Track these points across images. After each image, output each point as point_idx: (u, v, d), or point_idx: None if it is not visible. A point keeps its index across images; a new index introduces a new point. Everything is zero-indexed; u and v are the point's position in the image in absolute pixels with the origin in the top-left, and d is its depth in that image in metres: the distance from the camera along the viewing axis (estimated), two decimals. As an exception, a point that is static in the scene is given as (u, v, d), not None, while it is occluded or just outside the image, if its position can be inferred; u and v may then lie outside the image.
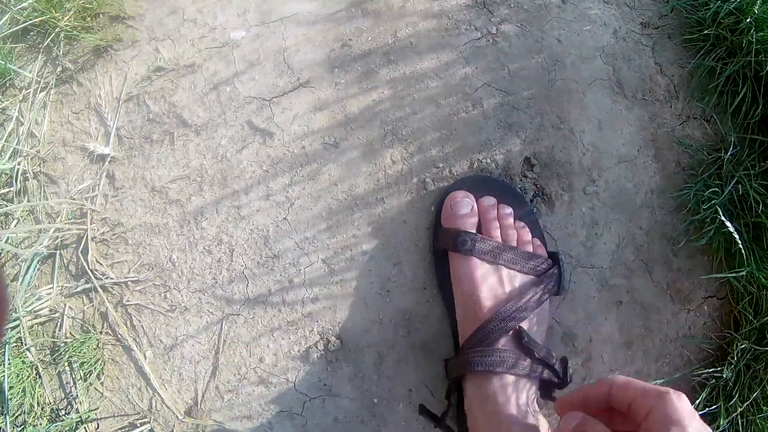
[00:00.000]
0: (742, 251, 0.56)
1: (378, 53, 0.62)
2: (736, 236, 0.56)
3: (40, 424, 0.65)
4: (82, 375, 0.66)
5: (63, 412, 0.66)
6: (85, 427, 0.67)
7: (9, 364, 0.64)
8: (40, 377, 0.66)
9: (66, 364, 0.66)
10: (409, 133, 0.60)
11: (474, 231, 0.56)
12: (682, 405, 0.35)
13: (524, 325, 0.53)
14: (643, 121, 0.65)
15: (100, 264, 0.65)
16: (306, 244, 0.59)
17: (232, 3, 0.67)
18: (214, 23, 0.67)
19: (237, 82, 0.63)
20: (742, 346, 0.57)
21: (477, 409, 0.52)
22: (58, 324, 0.66)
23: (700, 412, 0.58)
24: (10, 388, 0.63)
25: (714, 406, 0.58)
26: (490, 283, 0.54)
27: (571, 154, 0.63)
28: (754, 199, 0.58)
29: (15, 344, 0.65)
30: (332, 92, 0.61)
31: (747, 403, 0.56)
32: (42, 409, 0.66)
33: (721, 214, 0.56)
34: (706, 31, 0.63)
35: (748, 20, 0.59)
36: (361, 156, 0.60)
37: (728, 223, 0.56)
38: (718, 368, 0.58)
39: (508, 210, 0.57)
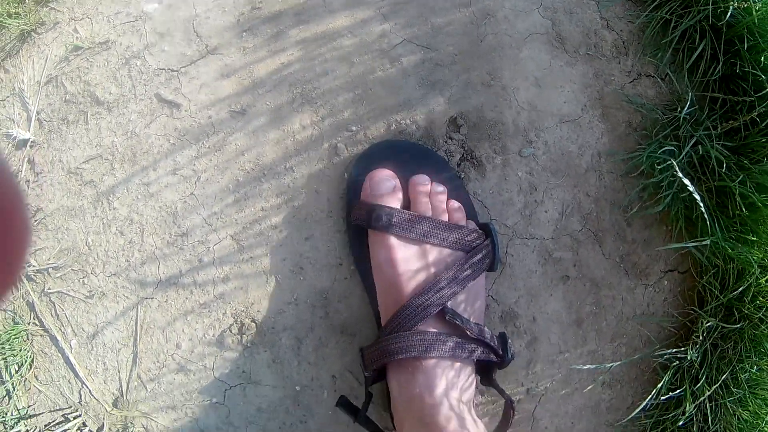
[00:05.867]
0: (705, 218, 0.48)
1: (288, 14, 0.57)
2: (697, 197, 0.48)
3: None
4: (15, 369, 0.64)
5: (5, 409, 0.65)
6: (24, 423, 0.65)
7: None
8: (-18, 373, 0.65)
9: (0, 359, 0.64)
10: (319, 95, 0.55)
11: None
12: None
13: (452, 303, 0.47)
14: (588, 78, 0.57)
15: (23, 251, 0.63)
16: (214, 220, 0.55)
17: (148, -24, 0.65)
18: (130, -3, 0.64)
19: (147, 55, 0.60)
20: (708, 324, 0.48)
21: (399, 402, 0.46)
22: (-8, 316, 0.64)
23: (664, 397, 0.50)
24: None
25: (679, 390, 0.49)
26: (411, 262, 0.48)
27: (503, 113, 0.56)
28: (717, 160, 0.50)
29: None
30: (240, 57, 0.57)
31: (716, 386, 0.47)
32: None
33: (678, 170, 0.48)
34: (658, -20, 0.55)
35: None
36: (268, 122, 0.55)
37: (686, 181, 0.48)
38: (682, 348, 0.50)
39: (441, 188, 0.51)
